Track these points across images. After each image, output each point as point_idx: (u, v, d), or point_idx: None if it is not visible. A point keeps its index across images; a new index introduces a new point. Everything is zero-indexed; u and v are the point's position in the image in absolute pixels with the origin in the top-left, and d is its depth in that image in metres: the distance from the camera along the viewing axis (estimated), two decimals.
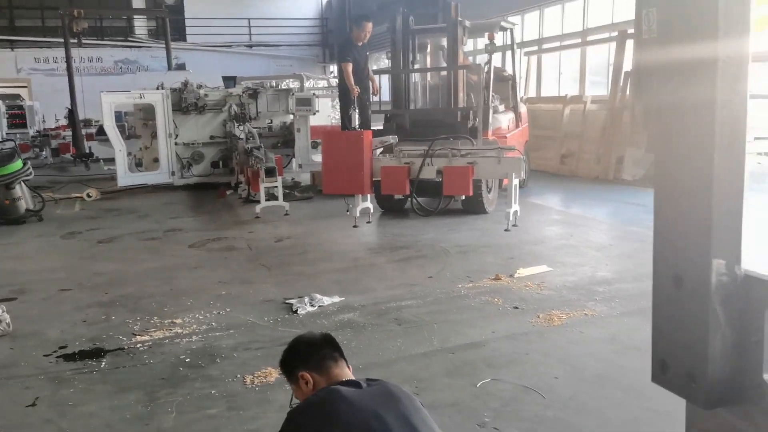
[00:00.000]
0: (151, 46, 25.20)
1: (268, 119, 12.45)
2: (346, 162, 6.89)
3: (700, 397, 1.16)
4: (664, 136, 1.19)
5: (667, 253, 1.19)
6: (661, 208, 1.18)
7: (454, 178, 6.81)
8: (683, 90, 1.15)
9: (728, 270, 1.13)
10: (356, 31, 8.44)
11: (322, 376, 2.17)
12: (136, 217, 9.38)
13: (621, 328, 4.37)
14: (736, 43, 1.20)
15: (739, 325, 1.14)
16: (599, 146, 11.90)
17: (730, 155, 1.06)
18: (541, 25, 15.22)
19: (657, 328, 1.24)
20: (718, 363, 1.13)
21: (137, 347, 4.32)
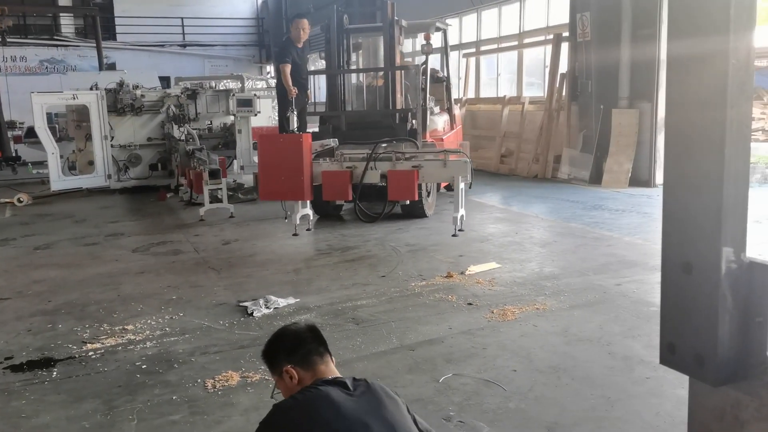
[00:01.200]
0: (79, 45, 24.30)
1: (207, 120, 12.25)
2: (285, 167, 6.59)
3: (709, 376, 1.25)
4: (673, 130, 1.27)
5: (676, 242, 1.27)
6: (671, 200, 1.26)
7: (399, 182, 6.66)
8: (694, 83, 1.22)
9: (736, 257, 1.22)
10: (294, 31, 8.25)
11: (307, 372, 2.15)
12: (73, 222, 9.07)
13: (571, 321, 4.53)
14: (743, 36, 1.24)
15: (744, 307, 1.23)
16: (537, 146, 12.25)
17: (738, 146, 1.14)
18: (478, 27, 15.52)
19: (666, 313, 1.32)
20: (725, 343, 1.22)
21: (89, 355, 4.19)
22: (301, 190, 6.67)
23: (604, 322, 4.49)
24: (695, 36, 1.19)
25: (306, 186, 6.65)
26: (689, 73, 1.20)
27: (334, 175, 6.78)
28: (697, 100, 1.17)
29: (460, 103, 14.96)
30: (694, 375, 1.28)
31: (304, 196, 6.82)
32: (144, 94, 11.85)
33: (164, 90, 12.49)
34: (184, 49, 26.19)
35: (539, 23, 13.40)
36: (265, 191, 6.89)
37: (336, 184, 6.77)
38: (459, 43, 16.39)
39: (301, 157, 6.57)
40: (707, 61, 1.16)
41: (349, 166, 6.79)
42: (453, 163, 6.71)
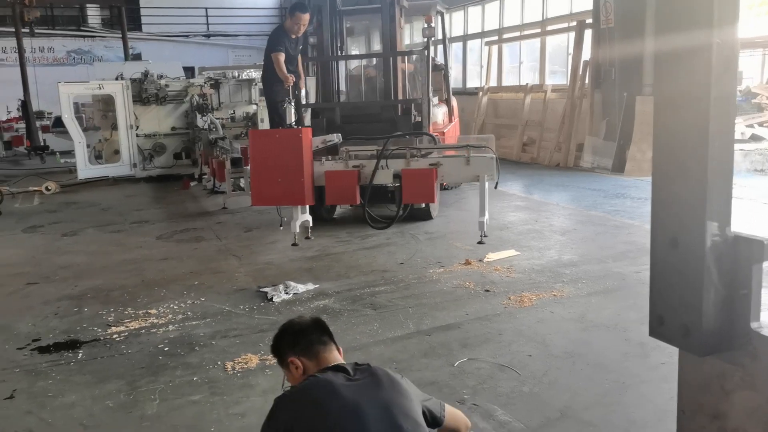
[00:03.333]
0: (106, 36, 24.64)
1: (230, 109, 12.37)
2: (282, 167, 5.68)
3: (695, 346, 1.28)
4: (661, 108, 1.29)
5: (664, 218, 1.30)
6: (659, 177, 1.29)
7: (415, 182, 5.86)
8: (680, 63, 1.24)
9: (720, 231, 1.24)
10: (290, 21, 7.10)
11: (311, 361, 2.22)
12: (99, 210, 9.25)
13: (588, 308, 4.54)
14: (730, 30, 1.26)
15: (729, 280, 1.26)
16: (559, 134, 12.17)
17: (722, 127, 1.17)
18: (501, 14, 15.42)
19: (654, 286, 1.35)
20: (711, 315, 1.25)
21: (113, 338, 4.31)
22: (302, 193, 5.75)
23: (622, 308, 4.48)
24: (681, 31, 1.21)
25: (307, 188, 5.77)
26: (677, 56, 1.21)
27: (339, 175, 5.94)
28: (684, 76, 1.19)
29: (481, 91, 14.92)
30: (681, 346, 1.31)
31: (305, 201, 5.86)
32: (168, 84, 12.00)
33: (188, 80, 12.64)
34: (208, 39, 26.39)
35: (562, 10, 13.27)
36: (259, 196, 5.90)
37: (341, 185, 5.94)
38: (481, 31, 16.31)
39: (300, 156, 5.69)
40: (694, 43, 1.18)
41: (356, 165, 5.96)
42: (477, 160, 5.93)
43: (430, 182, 5.85)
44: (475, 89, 15.67)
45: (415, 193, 5.97)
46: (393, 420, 1.97)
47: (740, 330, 1.25)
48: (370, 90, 8.07)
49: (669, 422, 2.27)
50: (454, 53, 17.88)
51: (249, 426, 3.10)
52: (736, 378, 1.24)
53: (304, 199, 5.85)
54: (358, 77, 8.40)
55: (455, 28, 17.67)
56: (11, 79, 18.86)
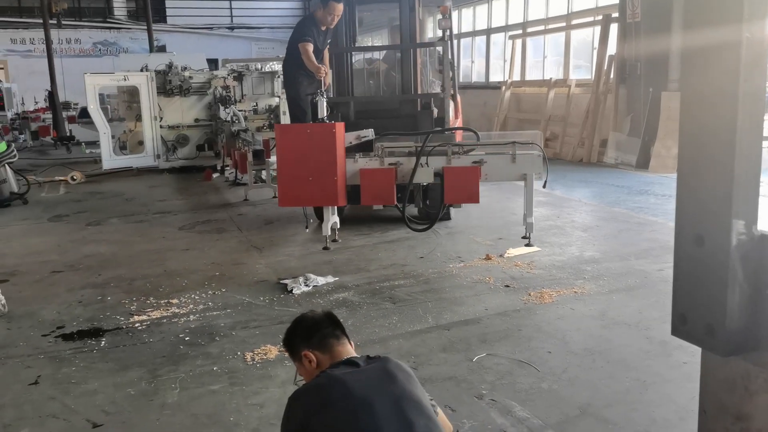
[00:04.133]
0: (131, 28, 24.90)
1: (253, 102, 12.42)
2: (313, 165, 5.33)
3: (718, 346, 1.26)
4: (688, 105, 1.27)
5: (689, 215, 1.28)
6: (684, 174, 1.27)
7: (458, 181, 5.48)
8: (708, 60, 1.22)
9: (747, 230, 1.22)
10: (321, 11, 6.66)
11: (324, 354, 2.23)
12: (123, 200, 9.36)
13: (610, 305, 4.50)
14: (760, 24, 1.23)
15: (754, 279, 1.23)
16: (583, 129, 12.05)
17: (751, 122, 1.14)
18: (525, 8, 15.28)
19: (678, 284, 1.33)
20: (735, 314, 1.23)
21: (135, 326, 4.36)
22: (334, 193, 5.37)
23: (643, 306, 4.44)
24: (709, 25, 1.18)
25: (340, 188, 5.40)
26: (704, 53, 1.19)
27: (375, 174, 5.55)
28: (712, 74, 1.16)
29: (504, 85, 14.82)
30: (704, 345, 1.29)
31: (338, 201, 5.46)
32: (192, 76, 12.08)
33: (211, 72, 12.71)
34: (231, 31, 26.55)
35: (588, 4, 13.11)
36: (287, 196, 5.47)
37: (378, 185, 5.53)
38: (505, 24, 16.18)
39: (334, 153, 5.32)
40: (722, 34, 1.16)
41: (393, 163, 5.58)
42: (523, 158, 5.56)
43: (474, 181, 5.49)
44: (498, 83, 15.57)
45: (458, 192, 5.59)
46: (404, 415, 1.98)
47: (765, 330, 1.23)
48: (378, 84, 7.62)
49: (691, 422, 2.25)
50: (477, 47, 17.78)
51: (268, 416, 3.13)
52: (761, 379, 1.21)
53: (337, 200, 5.40)
54: (361, 71, 7.80)
55: (479, 22, 17.56)
56: (39, 70, 19.15)
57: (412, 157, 5.56)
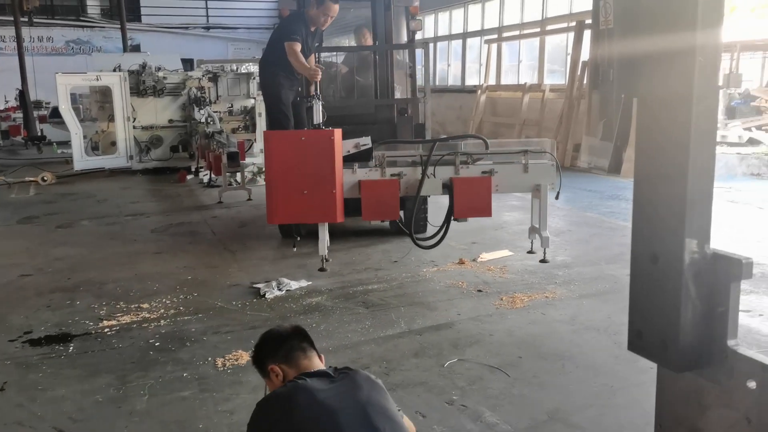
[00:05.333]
0: (105, 27, 24.56)
1: (228, 103, 12.35)
2: (308, 176, 4.80)
3: (672, 362, 1.29)
4: (643, 126, 1.30)
5: (645, 233, 1.31)
6: (640, 192, 1.30)
7: (469, 193, 5.04)
8: (662, 80, 1.25)
9: (699, 248, 1.25)
10: (315, 10, 6.03)
11: (291, 368, 2.23)
12: (95, 202, 9.24)
13: (580, 310, 4.55)
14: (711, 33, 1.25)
15: (707, 297, 1.27)
16: (557, 134, 12.17)
17: (703, 143, 1.17)
18: (501, 13, 15.41)
19: (634, 301, 1.36)
20: (688, 331, 1.26)
21: (105, 332, 4.31)
22: (333, 208, 4.83)
23: (613, 311, 4.49)
24: (664, 33, 1.21)
25: (339, 202, 4.88)
26: (658, 70, 1.22)
27: (377, 186, 5.01)
28: (666, 95, 1.19)
29: (480, 89, 14.92)
30: (659, 361, 1.32)
31: (337, 217, 4.92)
32: (166, 77, 11.98)
33: (186, 72, 12.61)
34: (207, 31, 26.32)
35: (562, 10, 13.26)
36: (278, 212, 4.94)
37: (380, 198, 5.03)
38: (481, 29, 16.29)
39: (332, 162, 4.78)
40: (675, 58, 1.19)
41: (395, 174, 5.06)
42: (536, 167, 5.17)
43: (486, 193, 5.05)
44: (474, 87, 15.67)
45: (468, 205, 5.11)
46: (370, 421, 1.99)
47: (717, 347, 1.26)
48: (345, 89, 7.14)
49: None
50: (453, 51, 17.88)
51: (238, 422, 3.11)
52: (713, 394, 1.24)
53: (335, 215, 4.87)
54: (333, 75, 7.29)
55: (455, 26, 17.66)
56: (9, 69, 18.76)
57: (415, 168, 5.10)
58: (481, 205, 5.11)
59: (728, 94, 17.20)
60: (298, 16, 6.23)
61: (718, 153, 11.12)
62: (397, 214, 5.23)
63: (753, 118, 14.52)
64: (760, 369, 1.22)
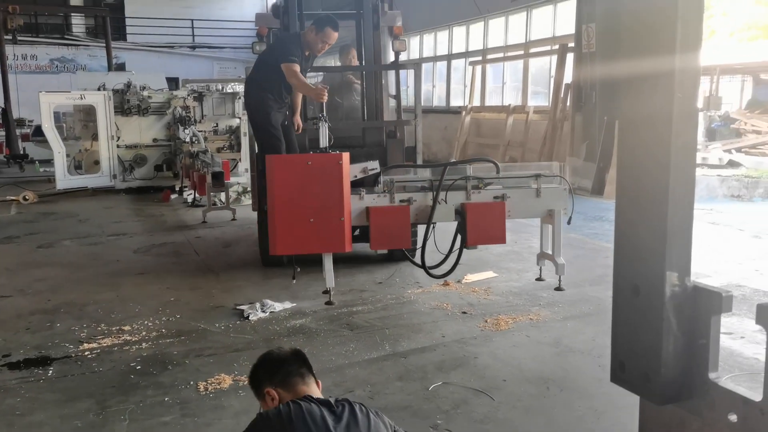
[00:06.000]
0: (90, 45, 24.52)
1: (213, 122, 12.34)
2: (315, 203, 4.49)
3: (654, 395, 1.29)
4: (624, 160, 1.31)
5: (626, 265, 1.32)
6: (621, 225, 1.31)
7: (482, 219, 4.85)
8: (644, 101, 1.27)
9: (680, 281, 1.26)
10: (313, 35, 5.64)
11: (288, 392, 2.19)
12: (77, 222, 9.15)
13: (564, 332, 4.56)
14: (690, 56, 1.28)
15: (688, 330, 1.27)
16: (540, 155, 12.27)
17: (682, 180, 1.19)
18: (485, 35, 15.58)
19: (616, 333, 1.37)
20: (670, 364, 1.26)
21: (85, 355, 4.25)
22: (341, 237, 4.55)
23: (597, 333, 4.51)
24: (643, 56, 1.23)
25: (348, 231, 4.61)
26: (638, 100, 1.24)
27: (387, 213, 4.75)
28: (645, 132, 1.21)
29: (465, 110, 15.03)
30: (641, 394, 1.33)
31: (345, 246, 4.65)
32: (151, 96, 11.98)
33: (171, 91, 12.61)
34: (193, 50, 26.36)
35: (545, 33, 13.44)
36: (284, 242, 4.59)
37: (391, 225, 4.77)
38: (466, 50, 16.45)
39: (341, 188, 4.51)
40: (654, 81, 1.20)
41: (404, 200, 4.83)
42: (549, 192, 5.04)
43: (500, 218, 4.88)
44: (459, 108, 15.78)
45: (482, 232, 4.91)
46: None
47: (699, 380, 1.27)
48: (337, 110, 6.90)
49: None
50: (439, 72, 18.03)
51: None
52: (694, 427, 1.25)
53: (343, 244, 4.59)
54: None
55: (440, 47, 17.83)
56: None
57: (425, 193, 4.87)
58: (495, 232, 4.93)
59: (708, 116, 17.49)
60: (293, 38, 5.86)
61: (699, 175, 11.28)
62: (408, 242, 4.95)
63: (733, 140, 14.75)
64: (741, 402, 1.23)
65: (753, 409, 1.21)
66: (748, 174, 11.04)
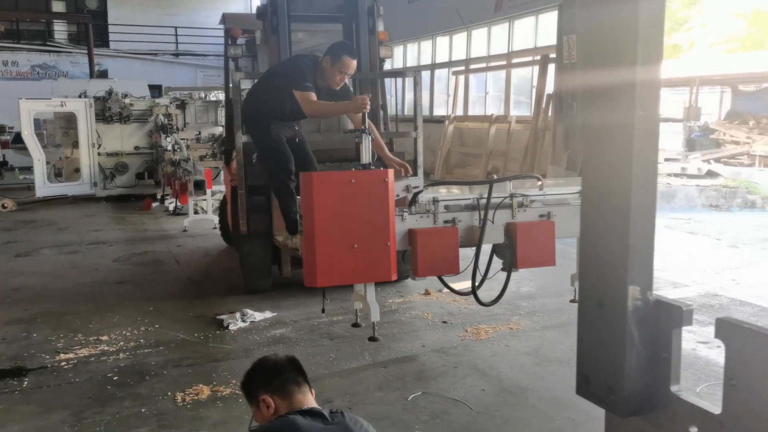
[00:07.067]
0: (72, 52, 24.34)
1: (196, 130, 12.29)
2: (358, 227, 3.90)
3: (618, 407, 1.31)
4: (588, 182, 1.33)
5: (591, 279, 1.34)
6: (586, 239, 1.33)
7: (532, 240, 4.40)
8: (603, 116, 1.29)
9: (642, 295, 1.28)
10: (329, 65, 4.97)
11: (284, 401, 2.17)
12: (56, 230, 9.06)
13: (543, 342, 4.58)
14: (652, 69, 1.30)
15: (651, 343, 1.29)
16: (522, 165, 12.34)
17: (644, 196, 1.21)
18: (468, 45, 15.69)
19: (581, 346, 1.38)
20: (633, 377, 1.28)
21: (61, 365, 4.20)
22: (387, 263, 3.96)
23: (575, 343, 4.52)
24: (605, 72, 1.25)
25: (393, 256, 4.00)
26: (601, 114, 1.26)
27: (434, 236, 4.19)
28: (608, 147, 1.23)
29: (448, 120, 15.09)
30: (605, 406, 1.34)
31: (391, 274, 4.04)
32: (133, 103, 11.90)
33: (153, 99, 12.54)
34: (177, 58, 26.24)
35: (527, 44, 13.55)
36: (324, 273, 3.90)
37: (438, 250, 4.22)
38: (449, 60, 16.55)
39: (387, 210, 3.97)
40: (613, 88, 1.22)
41: (448, 220, 4.27)
42: None
43: (550, 238, 4.44)
44: (442, 117, 15.85)
45: (532, 253, 4.45)
46: None
47: (661, 392, 1.29)
48: (321, 123, 6.51)
49: None
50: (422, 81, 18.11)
51: None
52: None
53: (389, 272, 4.00)
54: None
55: (423, 57, 17.91)
56: None
57: (470, 212, 4.35)
58: (545, 253, 4.49)
59: (688, 126, 17.69)
60: (307, 64, 5.09)
61: (678, 184, 11.38)
62: (457, 267, 4.33)
63: (712, 151, 14.95)
64: (701, 415, 1.25)
65: (713, 421, 1.23)
66: (726, 184, 11.18)
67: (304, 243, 3.99)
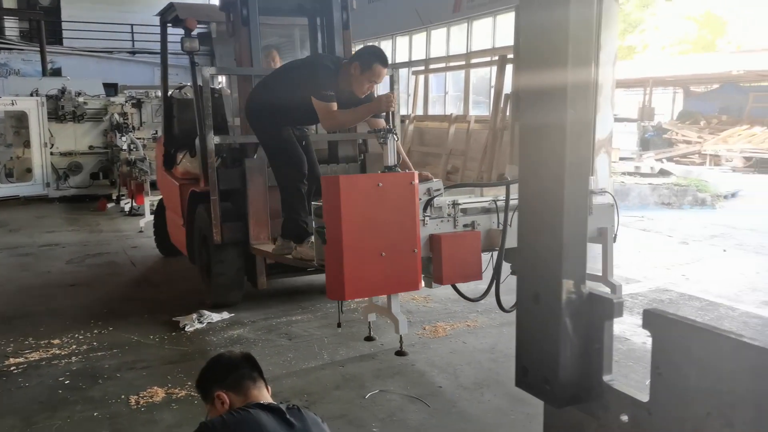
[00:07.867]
0: (24, 49, 23.70)
1: (152, 130, 12.10)
2: (385, 234, 3.61)
3: (553, 398, 1.35)
4: (524, 176, 1.36)
5: (528, 273, 1.37)
6: (523, 235, 1.36)
7: None
8: (540, 116, 1.32)
9: (576, 289, 1.32)
10: (358, 73, 4.48)
11: (239, 396, 2.16)
12: (6, 232, 8.83)
13: (500, 338, 4.64)
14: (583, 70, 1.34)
15: (584, 335, 1.33)
16: (482, 164, 12.48)
17: (576, 191, 1.25)
18: (428, 45, 15.79)
19: (520, 339, 1.42)
20: (567, 368, 1.32)
21: (11, 370, 4.10)
22: (414, 272, 3.70)
23: None
24: (538, 73, 1.29)
25: (419, 264, 3.74)
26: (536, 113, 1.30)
27: (457, 241, 3.95)
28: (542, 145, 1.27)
29: (408, 119, 15.16)
30: (542, 397, 1.38)
31: (418, 284, 3.84)
32: (87, 102, 11.66)
33: (108, 98, 12.30)
34: (133, 56, 25.77)
35: (486, 44, 13.70)
36: (353, 285, 3.54)
37: (462, 255, 4.00)
38: (409, 60, 16.62)
39: (413, 215, 3.70)
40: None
41: (467, 224, 4.02)
42: (600, 209, 4.30)
43: None
44: (402, 117, 15.91)
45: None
46: None
47: (594, 382, 1.33)
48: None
49: None
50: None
51: None
52: (592, 428, 1.31)
53: (416, 281, 3.76)
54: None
55: None
56: None
57: (488, 215, 4.12)
58: None
59: (642, 126, 18.10)
60: (330, 67, 4.64)
61: (632, 183, 11.65)
62: (480, 273, 4.13)
63: (665, 150, 15.34)
64: (630, 403, 1.29)
65: (641, 409, 1.28)
66: (677, 182, 11.50)
67: (329, 253, 3.66)
